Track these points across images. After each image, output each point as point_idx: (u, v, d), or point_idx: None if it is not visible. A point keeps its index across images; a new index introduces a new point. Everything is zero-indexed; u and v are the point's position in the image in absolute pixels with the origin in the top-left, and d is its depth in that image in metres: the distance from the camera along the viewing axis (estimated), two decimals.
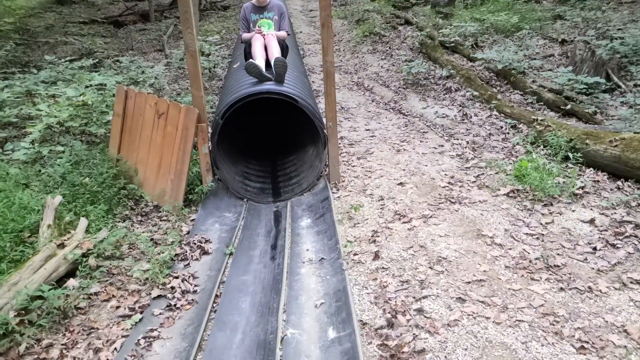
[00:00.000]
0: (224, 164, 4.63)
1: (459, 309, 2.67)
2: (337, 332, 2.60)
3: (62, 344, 2.66)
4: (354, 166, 4.94)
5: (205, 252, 3.66)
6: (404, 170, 4.73)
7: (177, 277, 3.30)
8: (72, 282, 3.08)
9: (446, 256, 3.21)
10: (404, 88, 7.68)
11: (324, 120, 4.56)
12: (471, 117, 6.20)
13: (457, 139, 5.53)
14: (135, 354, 2.57)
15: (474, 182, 4.40)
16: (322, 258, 3.42)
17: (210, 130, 4.48)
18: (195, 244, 3.74)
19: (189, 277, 3.33)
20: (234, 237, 3.85)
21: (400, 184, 4.42)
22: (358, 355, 2.32)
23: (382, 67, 8.89)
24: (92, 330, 2.79)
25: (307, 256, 3.50)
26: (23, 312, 2.69)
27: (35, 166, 4.32)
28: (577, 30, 8.61)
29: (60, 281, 3.07)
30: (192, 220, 4.16)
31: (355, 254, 3.36)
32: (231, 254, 3.62)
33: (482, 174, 4.55)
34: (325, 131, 4.51)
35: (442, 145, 5.36)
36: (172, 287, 3.19)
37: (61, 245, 3.27)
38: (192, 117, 4.21)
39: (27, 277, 2.86)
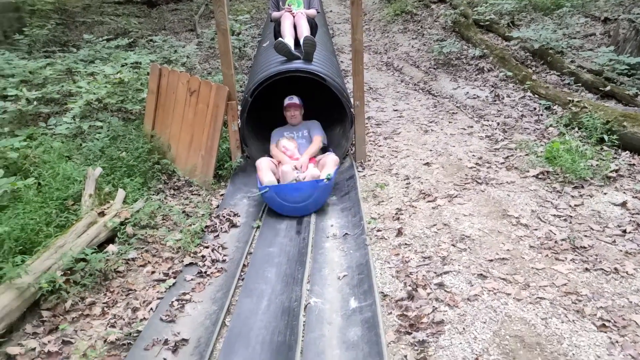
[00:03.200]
0: (252, 141, 4.78)
1: (480, 285, 2.75)
2: (359, 302, 2.73)
3: (103, 303, 2.90)
4: (380, 146, 5.00)
5: (233, 225, 3.84)
6: (430, 150, 4.77)
7: (207, 247, 3.50)
8: (111, 248, 3.31)
9: (469, 235, 3.27)
10: (434, 68, 7.62)
11: (352, 99, 4.63)
12: (503, 98, 6.12)
13: (488, 120, 5.49)
14: (169, 314, 2.77)
15: (503, 163, 4.40)
16: (346, 233, 3.54)
17: (239, 108, 4.63)
18: (224, 217, 3.92)
19: (219, 247, 3.52)
20: (260, 212, 4.01)
21: (427, 164, 4.47)
22: (378, 323, 2.44)
23: (412, 46, 8.81)
24: (130, 291, 3.02)
25: (332, 231, 3.63)
26: (69, 272, 2.94)
27: (77, 140, 4.59)
28: (622, 8, 8.26)
29: (100, 246, 3.31)
30: (222, 195, 4.35)
31: (378, 230, 3.46)
32: (258, 227, 3.79)
33: (512, 155, 4.54)
34: (352, 110, 4.59)
35: (472, 127, 5.34)
36: (203, 256, 3.39)
37: (101, 214, 3.51)
38: (222, 94, 4.36)
39: (72, 241, 3.11)
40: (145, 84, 5.26)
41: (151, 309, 2.84)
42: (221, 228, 3.80)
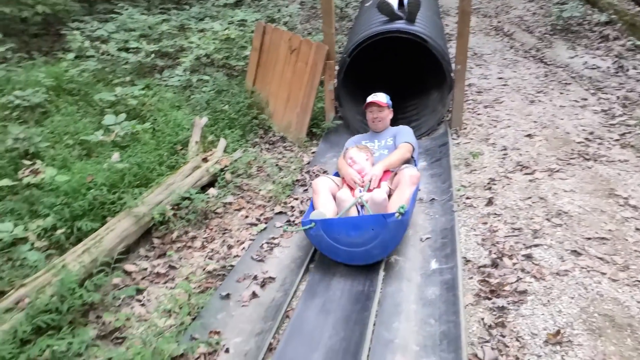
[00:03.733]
0: (346, 102, 4.87)
1: (572, 261, 2.64)
2: (439, 264, 2.77)
3: (203, 238, 3.26)
4: (479, 114, 4.82)
5: None
6: (535, 122, 4.50)
7: (296, 199, 3.72)
8: (212, 191, 3.66)
9: (567, 211, 3.10)
10: (550, 34, 7.02)
11: (453, 64, 4.49)
12: (628, 70, 5.51)
13: (606, 93, 5.01)
14: (259, 254, 3.04)
15: (617, 140, 4.03)
16: (433, 199, 3.54)
17: (337, 67, 4.72)
18: (314, 172, 4.11)
19: (307, 200, 3.72)
20: None
21: (529, 135, 4.24)
22: (457, 285, 2.48)
23: (527, 10, 8.15)
24: (225, 231, 3.35)
25: (419, 195, 3.64)
26: (176, 207, 3.33)
27: (186, 92, 5.03)
28: None
29: (203, 188, 3.68)
30: (313, 152, 4.53)
31: (467, 198, 3.42)
32: None
33: (629, 132, 4.14)
34: (452, 75, 4.46)
35: (586, 99, 4.91)
36: (292, 207, 3.62)
37: (205, 160, 3.88)
38: (321, 53, 4.47)
39: (179, 181, 3.49)
40: (250, 42, 5.54)
41: (244, 248, 3.14)
42: (310, 183, 4.00)
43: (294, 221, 3.42)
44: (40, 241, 2.85)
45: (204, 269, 2.93)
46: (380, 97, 3.61)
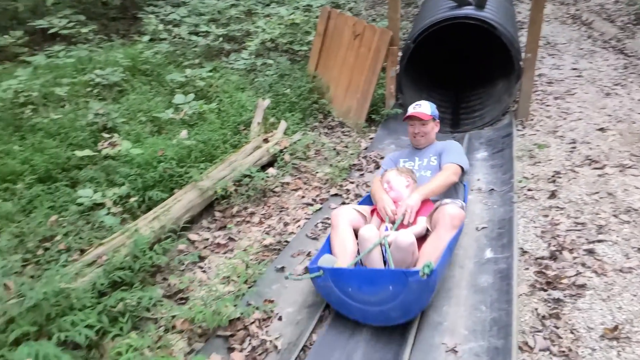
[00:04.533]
0: (407, 89, 4.87)
1: (639, 259, 2.54)
2: (494, 254, 2.76)
3: (261, 214, 3.44)
4: (547, 105, 4.66)
5: (379, 167, 4.07)
6: (609, 115, 4.29)
7: (352, 183, 3.81)
8: (271, 171, 3.83)
9: (638, 208, 2.97)
10: (633, 24, 6.58)
11: (523, 53, 4.36)
12: None
13: None
14: (314, 232, 3.17)
15: None
16: (492, 189, 3.50)
17: (400, 54, 4.73)
18: (370, 158, 4.18)
19: (362, 184, 3.80)
20: None
21: (601, 129, 4.06)
22: (512, 275, 2.47)
23: None
24: (282, 209, 3.51)
25: (477, 185, 3.62)
26: (237, 183, 3.53)
27: (250, 75, 5.23)
28: None
29: (262, 168, 3.85)
30: (371, 138, 4.59)
31: (529, 190, 3.35)
32: None
33: None
34: (520, 63, 4.33)
35: None
36: (347, 190, 3.71)
37: (265, 140, 4.06)
38: (385, 39, 4.50)
39: (241, 159, 3.69)
40: (314, 27, 5.65)
41: (299, 225, 3.28)
42: (367, 168, 4.08)
43: (348, 203, 3.51)
44: (115, 207, 3.14)
45: (260, 243, 3.10)
46: (424, 108, 2.98)
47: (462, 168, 2.80)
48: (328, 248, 2.53)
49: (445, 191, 2.72)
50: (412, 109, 3.01)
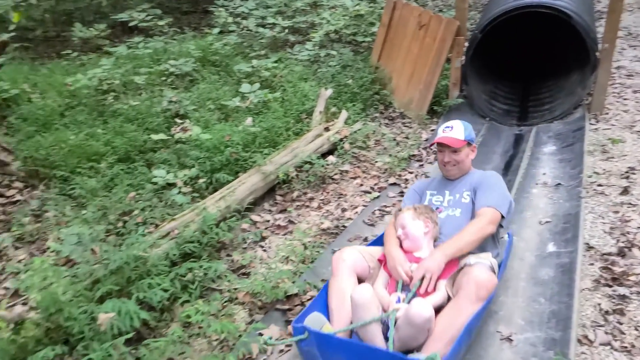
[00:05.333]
0: (473, 80, 4.79)
1: None
2: (557, 248, 2.71)
3: (320, 199, 3.57)
4: (625, 99, 4.42)
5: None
6: None
7: (411, 173, 3.85)
8: (331, 158, 3.95)
9: None
10: None
11: (600, 45, 4.16)
12: None
13: None
14: (371, 219, 3.26)
15: None
16: (559, 184, 3.40)
17: (466, 44, 4.66)
18: (431, 149, 4.18)
19: (421, 175, 3.82)
20: None
21: None
22: (575, 269, 2.42)
23: None
24: (340, 196, 3.62)
25: (542, 179, 3.53)
26: (298, 169, 3.68)
27: (313, 66, 5.38)
28: None
29: (323, 155, 3.98)
30: (432, 130, 4.58)
31: (599, 185, 3.23)
32: None
33: None
34: (597, 55, 4.14)
35: None
36: (406, 179, 3.76)
37: (326, 129, 4.18)
38: (451, 29, 4.46)
39: (302, 146, 3.84)
40: (378, 18, 5.70)
41: (356, 212, 3.37)
42: (426, 159, 4.09)
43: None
44: (185, 187, 3.40)
45: (319, 227, 3.23)
46: (456, 132, 2.35)
47: (501, 214, 2.17)
48: (323, 299, 2.11)
49: (476, 246, 2.10)
50: (441, 133, 2.39)
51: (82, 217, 3.01)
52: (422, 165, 3.99)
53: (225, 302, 2.50)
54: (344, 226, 3.21)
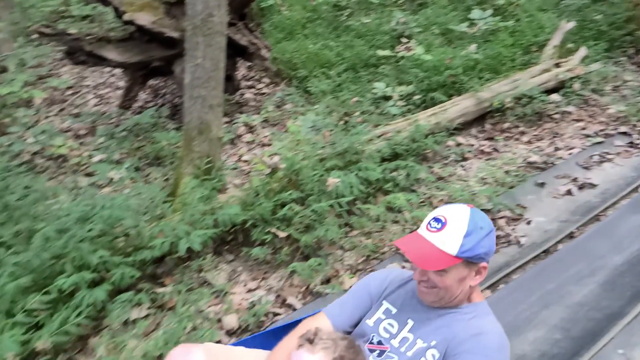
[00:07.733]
0: None
1: None
2: None
3: (532, 135, 3.59)
4: None
5: None
6: None
7: None
8: (554, 96, 3.83)
9: None
10: None
11: None
12: None
13: None
14: (587, 162, 3.19)
15: None
16: None
17: None
18: None
19: None
20: None
21: None
22: None
23: None
24: (556, 135, 3.56)
25: None
26: (516, 101, 3.69)
27: None
28: None
29: (546, 92, 3.88)
30: None
31: None
32: None
33: None
34: None
35: None
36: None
37: (557, 65, 4.02)
38: None
39: (525, 79, 3.81)
40: None
41: (571, 153, 3.32)
42: None
43: (637, 144, 3.31)
44: (400, 101, 3.80)
45: (524, 159, 3.30)
46: (447, 233, 1.15)
47: None
48: None
49: None
50: (422, 227, 1.21)
51: (314, 110, 3.68)
52: None
53: (421, 201, 2.88)
54: (553, 163, 3.22)
